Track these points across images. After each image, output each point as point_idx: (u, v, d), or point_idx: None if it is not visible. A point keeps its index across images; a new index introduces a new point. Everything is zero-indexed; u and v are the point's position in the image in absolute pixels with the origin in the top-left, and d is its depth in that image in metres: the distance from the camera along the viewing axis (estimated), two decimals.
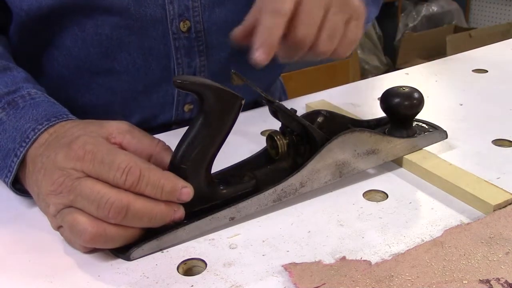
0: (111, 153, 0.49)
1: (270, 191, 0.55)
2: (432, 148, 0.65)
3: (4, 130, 0.57)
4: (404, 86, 0.62)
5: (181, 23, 0.72)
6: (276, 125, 0.61)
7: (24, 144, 0.55)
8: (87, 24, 0.69)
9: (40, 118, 0.57)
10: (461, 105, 0.79)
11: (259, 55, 0.57)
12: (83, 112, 0.61)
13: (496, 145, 0.67)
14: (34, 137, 0.55)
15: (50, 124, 0.56)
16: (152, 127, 0.79)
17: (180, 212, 0.50)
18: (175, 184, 0.49)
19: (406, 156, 0.63)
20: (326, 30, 0.61)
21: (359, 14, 0.65)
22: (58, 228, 0.51)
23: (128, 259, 0.49)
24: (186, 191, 0.50)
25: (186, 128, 0.52)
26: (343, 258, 0.48)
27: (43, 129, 0.56)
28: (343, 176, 0.59)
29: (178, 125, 0.80)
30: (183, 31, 0.73)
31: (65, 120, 0.57)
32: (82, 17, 0.69)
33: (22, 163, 0.56)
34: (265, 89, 0.56)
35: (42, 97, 0.60)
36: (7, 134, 0.57)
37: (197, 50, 0.75)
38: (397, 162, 0.63)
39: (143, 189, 0.48)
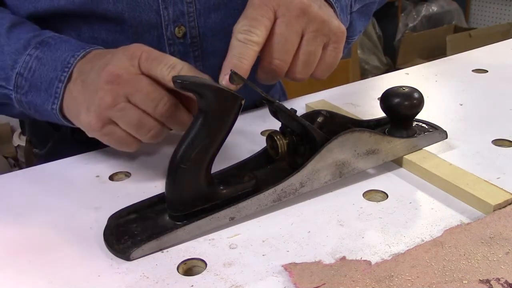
0: (162, 54, 0.57)
1: (270, 191, 0.55)
2: (432, 148, 0.65)
3: (43, 64, 0.61)
4: (404, 86, 0.62)
5: (176, 28, 0.72)
6: (276, 125, 0.61)
7: (66, 69, 0.61)
8: (82, 29, 0.70)
9: (75, 48, 0.62)
10: (461, 105, 0.79)
11: (226, 83, 0.55)
12: None
13: (496, 145, 0.67)
14: (75, 62, 0.61)
15: (87, 50, 0.62)
16: None
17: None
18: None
19: (406, 156, 0.63)
20: (301, 56, 0.60)
21: (338, 36, 0.62)
22: (103, 126, 0.57)
23: (128, 259, 0.49)
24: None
25: None
26: (343, 258, 0.48)
27: (82, 54, 0.61)
28: (343, 176, 0.59)
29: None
30: (178, 37, 0.73)
31: (97, 48, 0.63)
32: (78, 21, 0.70)
33: (67, 83, 0.60)
34: (265, 91, 0.56)
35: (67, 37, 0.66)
36: (46, 67, 0.61)
37: (192, 55, 0.75)
38: (397, 162, 0.63)
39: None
